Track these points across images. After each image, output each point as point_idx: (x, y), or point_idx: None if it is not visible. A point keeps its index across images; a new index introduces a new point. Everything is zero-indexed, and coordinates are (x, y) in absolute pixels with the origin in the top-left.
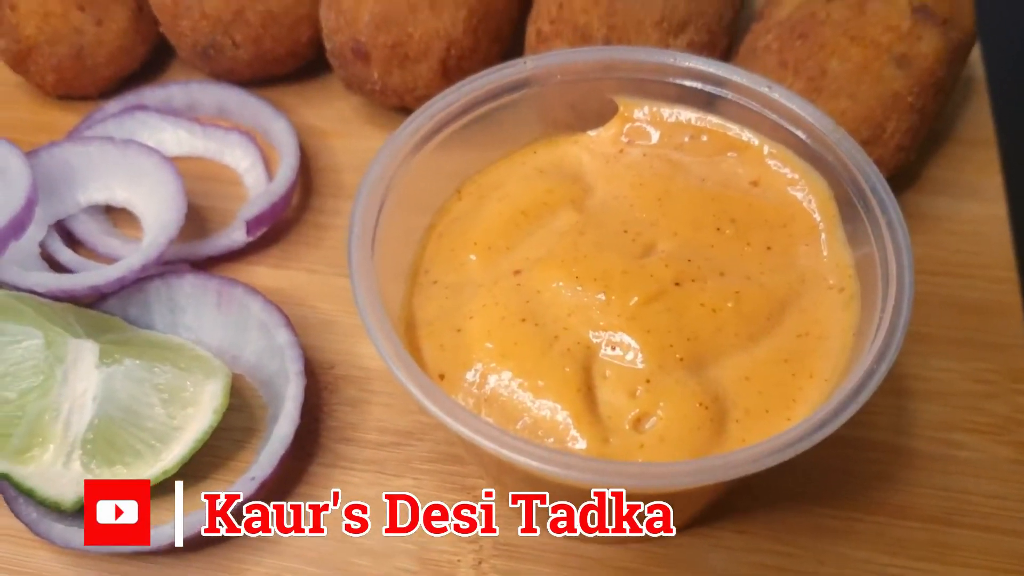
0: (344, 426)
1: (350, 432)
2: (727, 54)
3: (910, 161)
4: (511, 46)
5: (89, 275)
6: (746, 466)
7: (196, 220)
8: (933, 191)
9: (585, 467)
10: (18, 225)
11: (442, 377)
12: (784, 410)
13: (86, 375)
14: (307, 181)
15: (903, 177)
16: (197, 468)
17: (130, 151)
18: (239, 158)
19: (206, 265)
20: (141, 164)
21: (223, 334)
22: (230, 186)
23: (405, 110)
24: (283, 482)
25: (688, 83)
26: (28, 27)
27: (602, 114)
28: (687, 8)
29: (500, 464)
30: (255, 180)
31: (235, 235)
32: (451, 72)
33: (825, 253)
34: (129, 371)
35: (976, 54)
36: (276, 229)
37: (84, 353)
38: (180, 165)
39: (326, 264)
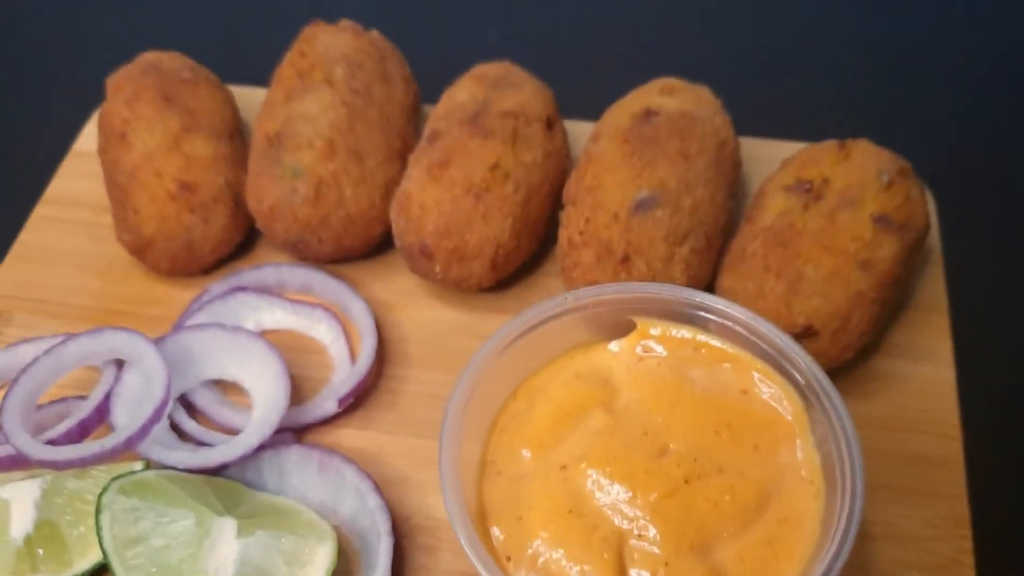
0: (420, 568)
1: (425, 574)
2: (720, 252)
3: (872, 341)
4: (546, 237)
5: (217, 454)
6: None
7: (292, 388)
8: (894, 355)
9: None
10: (160, 414)
11: (508, 559)
12: None
13: (227, 545)
14: (381, 351)
15: (870, 346)
16: None
17: (239, 337)
18: (324, 332)
19: (303, 431)
20: (248, 348)
21: (323, 494)
22: (317, 356)
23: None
24: None
25: (692, 311)
26: (148, 227)
27: (623, 329)
28: (688, 223)
29: None
30: (338, 352)
31: (327, 406)
32: (499, 266)
33: (799, 453)
34: (260, 540)
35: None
36: (357, 396)
37: (225, 528)
38: (275, 337)
39: (399, 425)
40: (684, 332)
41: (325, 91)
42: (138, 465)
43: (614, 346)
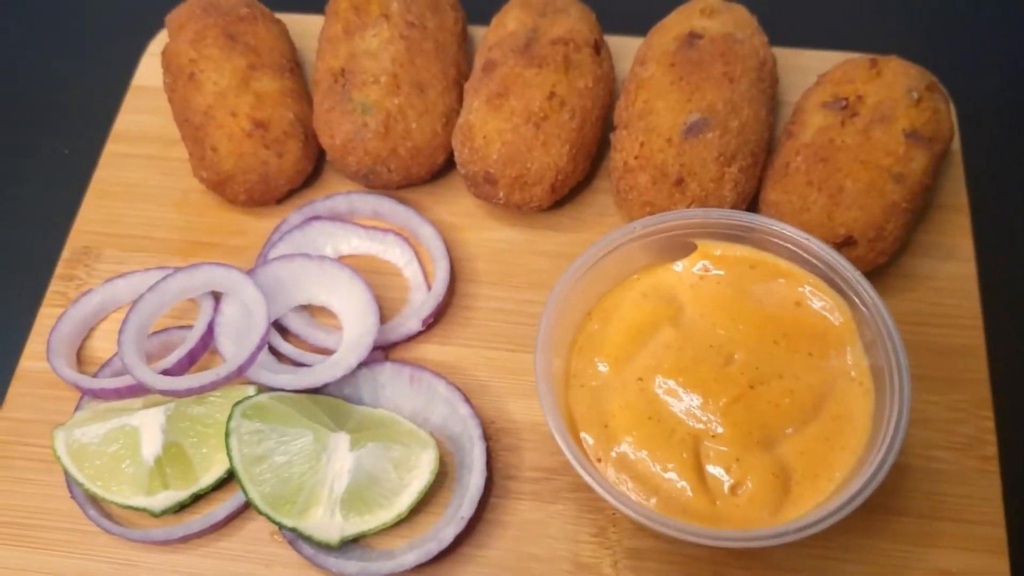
0: (507, 467)
1: (513, 471)
2: (764, 167)
3: (905, 243)
4: (597, 158)
5: (320, 374)
6: (816, 526)
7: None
8: (920, 254)
9: (699, 533)
10: (264, 341)
11: (599, 460)
12: (828, 474)
13: (342, 457)
14: (452, 269)
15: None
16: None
17: (325, 265)
18: (398, 256)
19: (389, 347)
20: (335, 275)
21: (415, 404)
22: (393, 277)
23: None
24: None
25: (747, 233)
26: (227, 164)
27: (686, 249)
28: (736, 143)
29: None
30: (413, 273)
31: (411, 324)
32: (557, 189)
33: (849, 358)
34: (371, 451)
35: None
36: (436, 314)
37: (340, 443)
38: (351, 261)
39: (477, 339)
40: (740, 251)
41: (383, 25)
42: (251, 389)
43: (678, 266)
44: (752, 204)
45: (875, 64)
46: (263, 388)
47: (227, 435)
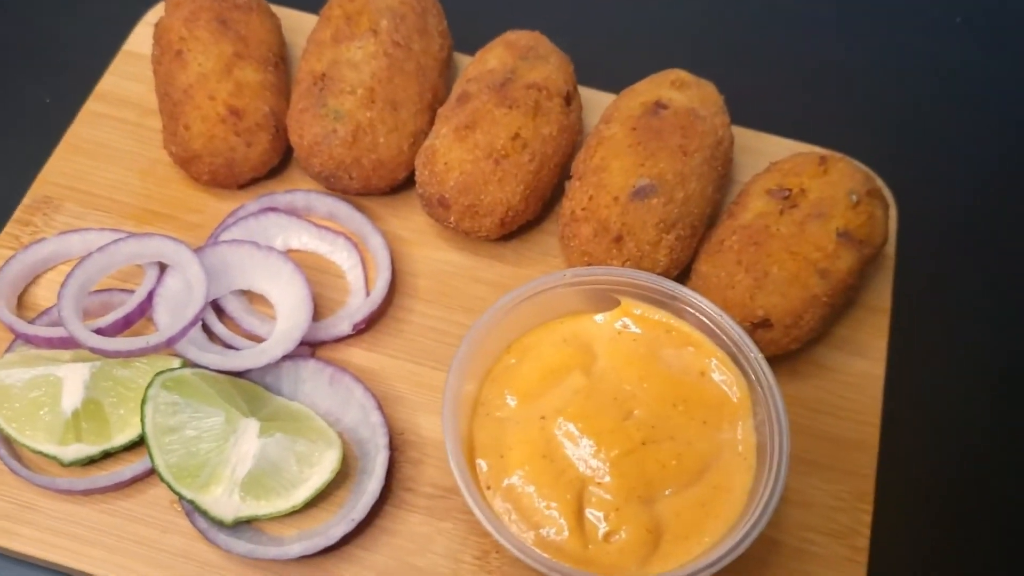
0: (407, 479)
1: (411, 484)
2: (702, 239)
3: (820, 334)
4: (550, 200)
5: (246, 360)
6: None
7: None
8: (834, 346)
9: (567, 573)
10: (198, 318)
11: (488, 488)
12: (698, 537)
13: (249, 441)
14: (393, 281)
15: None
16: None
17: (271, 256)
18: (344, 259)
19: (318, 345)
20: (279, 267)
21: (330, 404)
22: (335, 278)
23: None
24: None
25: (669, 299)
26: (196, 143)
27: (610, 304)
28: (678, 212)
29: None
30: (355, 278)
31: (342, 327)
32: (506, 224)
33: (739, 432)
34: (278, 441)
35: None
36: (369, 322)
37: (250, 428)
38: (298, 256)
39: (403, 352)
40: (659, 315)
41: (370, 40)
42: (176, 362)
43: (599, 318)
44: (685, 271)
45: (824, 161)
46: (188, 363)
47: (144, 401)
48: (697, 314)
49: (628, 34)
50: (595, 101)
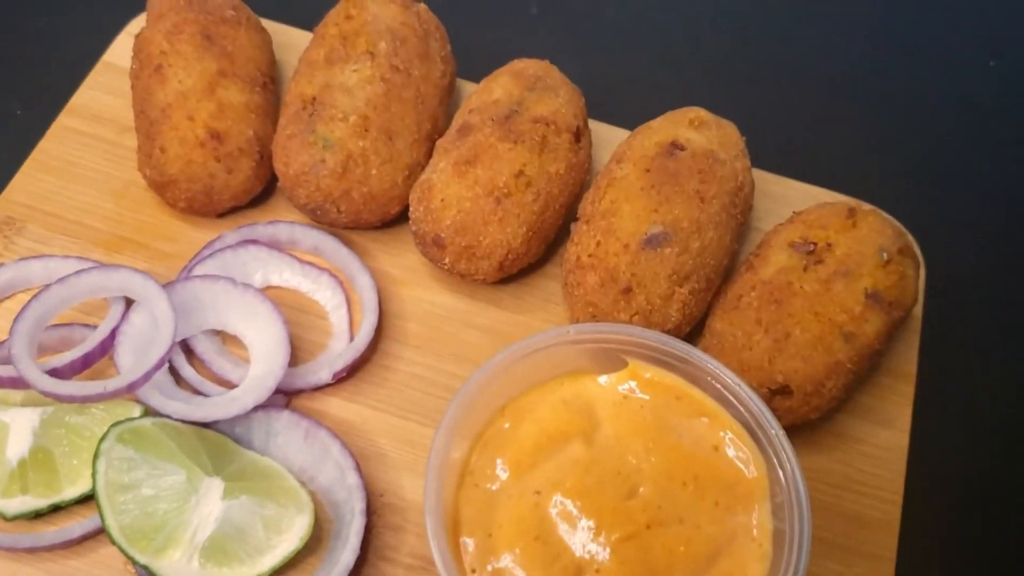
0: (385, 547)
1: (390, 553)
2: (718, 292)
3: (842, 402)
4: (554, 242)
5: (213, 409)
6: None
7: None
8: (856, 414)
9: None
10: (163, 361)
11: (473, 571)
12: None
13: (212, 504)
14: (379, 325)
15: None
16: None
17: (248, 295)
18: (328, 298)
19: (294, 393)
20: (256, 307)
21: (305, 460)
22: (317, 319)
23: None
24: None
25: (681, 364)
26: (172, 167)
27: (616, 363)
28: (693, 264)
29: None
30: (339, 320)
31: (322, 374)
32: (505, 267)
33: (755, 516)
34: (243, 504)
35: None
36: (350, 369)
37: (213, 488)
38: (278, 293)
39: (387, 403)
40: (670, 379)
41: (366, 63)
42: (136, 410)
43: (604, 380)
44: (697, 327)
45: (852, 214)
46: (150, 411)
47: (96, 456)
48: (712, 381)
49: (644, 67)
50: (606, 137)
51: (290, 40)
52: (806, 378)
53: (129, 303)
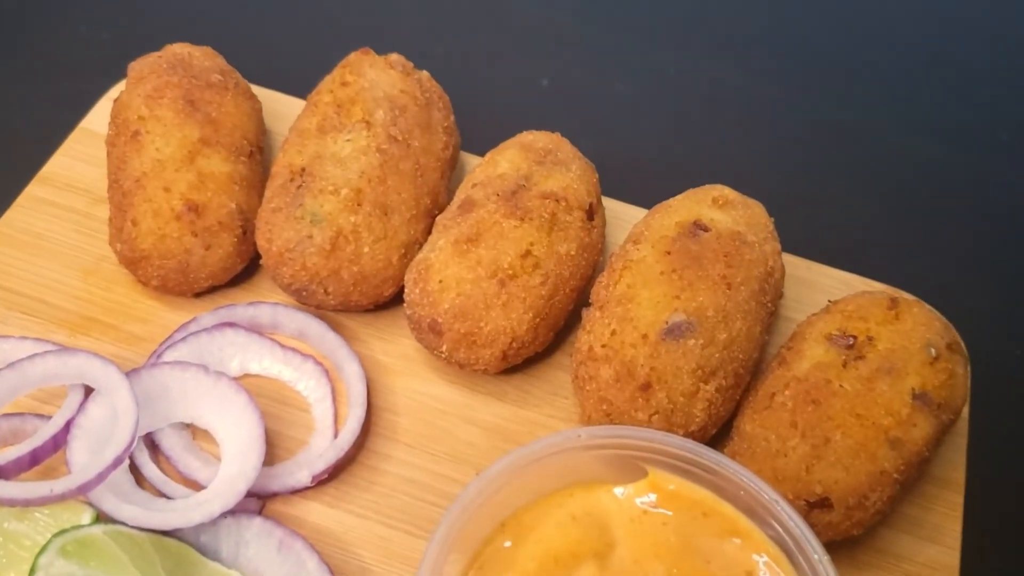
0: None
1: None
2: (746, 392)
3: (884, 517)
4: (563, 329)
5: (174, 516)
6: None
7: (267, 444)
8: (900, 528)
9: None
10: (120, 460)
11: None
12: None
13: None
14: (367, 420)
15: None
16: None
17: (221, 384)
18: (312, 388)
19: (269, 497)
20: (229, 398)
21: (279, 572)
22: (299, 412)
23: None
24: None
25: (709, 475)
26: (144, 242)
27: (633, 472)
28: (720, 357)
29: None
30: (322, 414)
31: (300, 476)
32: (510, 357)
33: None
34: None
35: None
36: (333, 470)
37: None
38: (257, 383)
39: (373, 510)
40: (697, 493)
41: (362, 133)
42: (86, 516)
43: (620, 491)
44: (723, 430)
45: (895, 305)
46: (103, 517)
47: (32, 571)
48: (745, 494)
49: (660, 143)
50: (621, 215)
51: (283, 108)
52: (848, 490)
53: (90, 392)
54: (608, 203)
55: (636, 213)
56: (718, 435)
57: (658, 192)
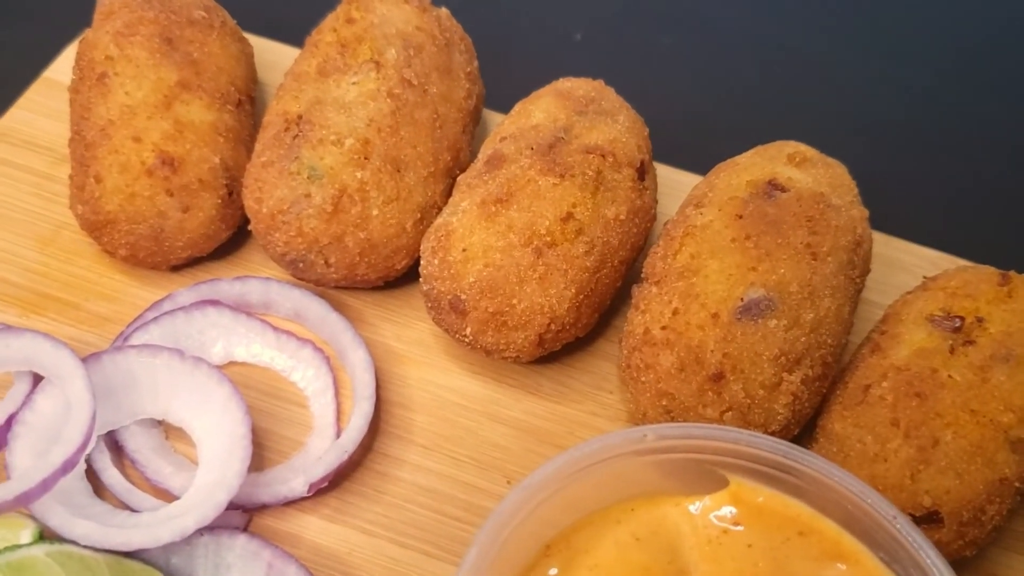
0: None
1: None
2: (834, 384)
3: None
4: (609, 312)
5: (136, 534)
6: None
7: (254, 445)
8: (1010, 547)
9: None
10: (70, 465)
11: None
12: None
13: None
14: (375, 417)
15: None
16: None
17: (199, 372)
18: (310, 379)
19: (257, 509)
20: (209, 390)
21: None
22: (294, 408)
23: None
24: None
25: (807, 486)
26: (110, 203)
27: (709, 482)
28: (806, 342)
29: None
30: (321, 409)
31: (294, 484)
32: (547, 342)
33: None
34: None
35: None
36: (334, 477)
37: None
38: (244, 372)
39: (382, 526)
40: (791, 507)
41: (370, 74)
42: (26, 533)
43: (694, 508)
44: (806, 429)
45: (1007, 281)
46: (48, 534)
47: None
48: (852, 508)
49: (713, 102)
50: (671, 182)
51: (278, 58)
52: (962, 501)
53: (39, 381)
54: (660, 168)
55: (689, 180)
56: (798, 437)
57: (711, 157)
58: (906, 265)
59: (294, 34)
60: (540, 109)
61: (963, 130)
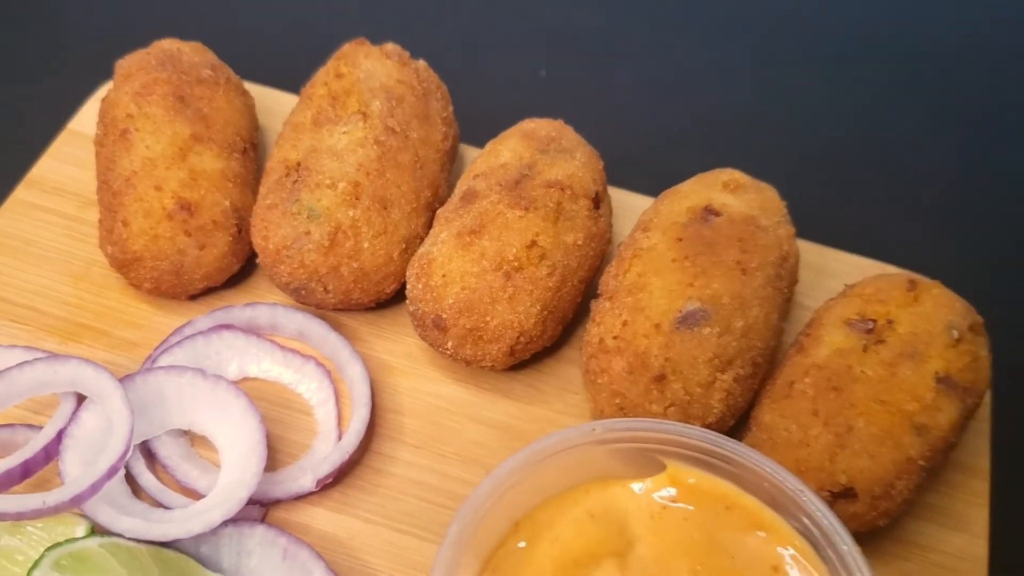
0: None
1: None
2: (764, 381)
3: (909, 507)
4: (572, 324)
5: (173, 527)
6: None
7: (268, 449)
8: (924, 518)
9: None
10: (115, 470)
11: None
12: None
13: None
14: (372, 421)
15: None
16: None
17: (219, 388)
18: (313, 391)
19: (272, 503)
20: (227, 403)
21: None
22: (301, 416)
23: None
24: None
25: (730, 467)
26: (136, 244)
27: (651, 466)
28: (737, 346)
29: None
30: (325, 417)
31: (304, 481)
32: (517, 352)
33: None
34: None
35: None
36: (337, 474)
37: None
38: (257, 386)
39: (380, 514)
40: (720, 486)
41: (358, 124)
42: (80, 528)
43: (638, 487)
44: (741, 421)
45: (914, 287)
46: (98, 529)
47: None
48: (768, 486)
49: (663, 130)
50: (626, 205)
51: (276, 105)
52: (874, 479)
53: (82, 400)
54: (614, 193)
55: (643, 202)
56: (735, 427)
57: (664, 181)
58: (835, 272)
59: (291, 80)
60: (507, 149)
61: (894, 151)
